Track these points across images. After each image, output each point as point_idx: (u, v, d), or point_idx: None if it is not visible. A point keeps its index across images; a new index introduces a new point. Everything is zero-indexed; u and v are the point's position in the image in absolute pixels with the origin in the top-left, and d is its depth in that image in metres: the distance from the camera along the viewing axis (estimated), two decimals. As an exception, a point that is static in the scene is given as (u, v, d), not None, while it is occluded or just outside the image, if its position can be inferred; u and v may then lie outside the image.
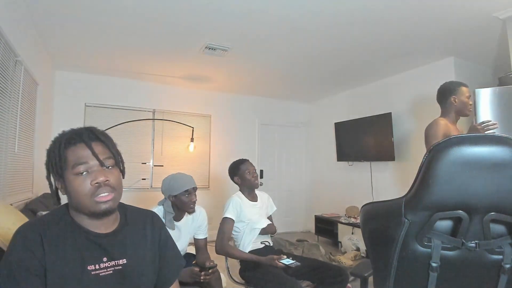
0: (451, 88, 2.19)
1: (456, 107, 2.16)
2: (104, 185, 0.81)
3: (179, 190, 1.71)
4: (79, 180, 0.80)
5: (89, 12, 2.51)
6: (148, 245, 0.94)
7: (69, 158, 0.81)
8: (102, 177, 0.80)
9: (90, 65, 3.82)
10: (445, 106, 2.21)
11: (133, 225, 0.94)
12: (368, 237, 0.88)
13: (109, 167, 0.84)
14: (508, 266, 0.72)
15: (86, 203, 0.80)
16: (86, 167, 0.80)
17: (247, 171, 2.14)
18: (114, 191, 0.83)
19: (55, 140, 0.85)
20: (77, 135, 0.83)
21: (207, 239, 1.95)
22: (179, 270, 1.03)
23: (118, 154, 0.88)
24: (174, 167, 4.53)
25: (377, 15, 2.52)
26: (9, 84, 2.19)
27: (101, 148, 0.84)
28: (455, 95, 2.15)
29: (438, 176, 0.69)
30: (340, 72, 4.01)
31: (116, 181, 0.85)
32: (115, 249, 0.86)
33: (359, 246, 3.81)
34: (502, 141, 0.66)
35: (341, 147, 4.76)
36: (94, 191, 0.80)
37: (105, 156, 0.84)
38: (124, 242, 0.89)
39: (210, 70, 3.98)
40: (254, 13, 2.52)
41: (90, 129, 0.86)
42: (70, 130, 0.87)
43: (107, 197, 0.81)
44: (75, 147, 0.82)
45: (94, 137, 0.85)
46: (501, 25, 2.64)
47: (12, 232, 1.30)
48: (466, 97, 2.16)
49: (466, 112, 2.17)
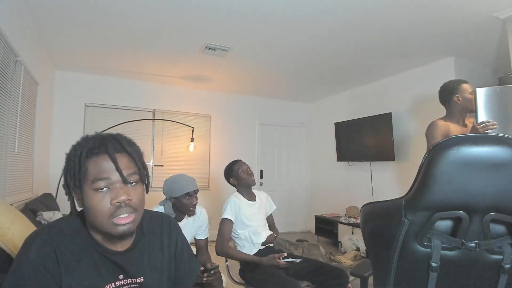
0: (452, 88, 2.17)
1: (461, 105, 2.13)
2: (125, 205, 0.73)
3: (180, 193, 1.71)
4: (98, 197, 0.72)
5: (89, 12, 2.51)
6: (166, 257, 0.90)
7: (90, 170, 0.73)
8: (123, 196, 0.72)
9: (90, 65, 3.82)
10: (450, 106, 2.19)
11: (150, 235, 0.88)
12: (368, 237, 0.88)
13: (133, 183, 0.76)
14: (508, 266, 0.72)
15: (103, 223, 0.73)
16: (107, 183, 0.72)
17: (241, 170, 2.12)
18: (135, 212, 0.76)
19: (76, 146, 0.76)
20: (101, 144, 0.74)
21: (207, 239, 1.95)
22: (195, 276, 1.00)
23: (144, 168, 0.80)
24: (174, 167, 4.53)
25: (377, 15, 2.52)
26: (9, 84, 2.19)
27: (126, 161, 0.76)
28: (458, 94, 2.12)
29: (438, 176, 0.69)
30: (340, 72, 4.01)
31: (139, 200, 0.77)
32: (132, 267, 0.81)
33: (359, 246, 3.81)
34: (502, 141, 0.66)
35: (341, 147, 4.76)
36: (113, 212, 0.72)
37: (129, 171, 0.75)
38: (141, 257, 0.84)
39: (210, 70, 3.98)
40: (254, 13, 2.52)
41: (116, 138, 0.78)
42: (93, 136, 0.78)
43: (127, 219, 0.74)
44: (98, 158, 0.73)
45: (120, 148, 0.76)
46: (501, 25, 2.64)
47: (12, 232, 1.29)
48: (469, 93, 2.13)
49: (471, 108, 2.13)
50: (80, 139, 0.78)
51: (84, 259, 0.75)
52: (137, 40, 3.06)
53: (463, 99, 2.12)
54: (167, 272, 0.89)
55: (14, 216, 1.49)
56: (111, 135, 0.79)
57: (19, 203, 2.44)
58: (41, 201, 2.69)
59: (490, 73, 3.71)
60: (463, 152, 0.67)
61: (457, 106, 2.15)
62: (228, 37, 3.00)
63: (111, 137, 0.77)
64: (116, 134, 0.80)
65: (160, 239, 0.90)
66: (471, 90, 2.14)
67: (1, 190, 2.12)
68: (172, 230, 0.94)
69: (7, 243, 1.27)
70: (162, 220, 0.94)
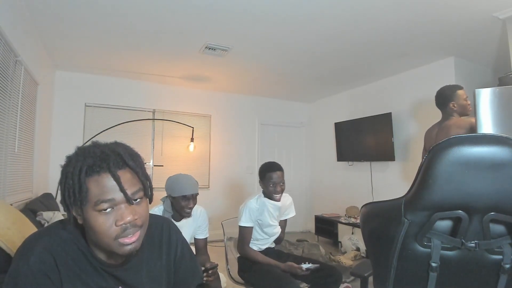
0: (448, 95, 2.33)
1: (457, 111, 2.28)
2: (132, 226, 0.70)
3: (178, 194, 1.71)
4: (102, 219, 0.68)
5: (89, 12, 2.51)
6: (165, 264, 0.88)
7: (92, 190, 0.67)
8: (129, 217, 0.69)
9: (90, 65, 3.82)
10: (446, 112, 2.34)
11: (148, 244, 0.85)
12: (368, 237, 0.88)
13: (137, 200, 0.72)
14: (508, 266, 0.72)
15: (108, 244, 0.69)
16: (112, 203, 0.68)
17: (271, 181, 1.97)
18: (140, 229, 0.73)
19: (74, 162, 0.70)
20: (103, 161, 0.68)
21: (207, 239, 1.95)
22: (198, 279, 0.98)
23: (147, 180, 0.76)
24: (174, 167, 4.53)
25: (377, 15, 2.52)
26: (9, 84, 2.19)
27: (130, 177, 0.71)
28: (453, 101, 2.30)
29: (438, 176, 0.69)
30: (340, 72, 4.01)
31: (144, 216, 0.74)
32: (131, 278, 0.80)
33: (359, 246, 3.81)
34: (502, 141, 0.66)
35: (341, 147, 4.76)
36: (119, 233, 0.69)
37: (134, 189, 0.71)
38: (140, 268, 0.82)
39: (210, 70, 3.98)
40: (254, 13, 2.52)
41: (117, 152, 0.71)
42: (92, 149, 0.71)
43: (133, 237, 0.70)
44: (99, 177, 0.68)
45: (122, 164, 0.71)
46: (501, 25, 2.64)
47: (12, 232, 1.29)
48: (464, 100, 2.28)
49: (467, 113, 2.29)
50: (77, 152, 0.72)
51: (83, 270, 0.73)
52: (137, 40, 3.06)
53: (458, 105, 2.30)
54: (166, 279, 0.88)
55: (14, 216, 1.50)
56: (112, 148, 0.72)
57: (19, 203, 2.44)
58: (41, 201, 2.69)
59: (490, 73, 3.71)
60: (463, 152, 0.67)
61: (452, 112, 2.29)
62: (228, 37, 3.00)
63: (112, 152, 0.71)
64: (116, 146, 0.74)
65: (159, 247, 0.88)
66: (466, 96, 2.30)
67: (1, 190, 2.12)
68: (172, 235, 0.92)
69: (7, 243, 1.27)
70: (162, 227, 0.92)
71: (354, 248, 3.81)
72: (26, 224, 1.58)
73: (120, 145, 0.75)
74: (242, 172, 5.09)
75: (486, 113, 2.39)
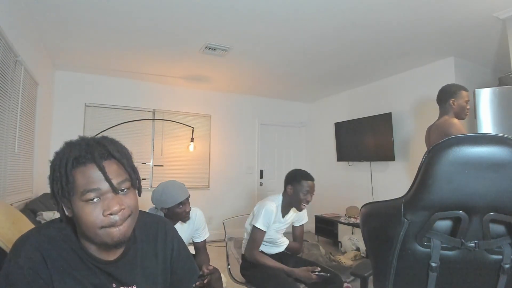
0: (451, 91, 2.30)
1: (454, 109, 2.25)
2: (120, 216, 0.71)
3: (172, 203, 1.66)
4: (89, 208, 0.69)
5: (89, 12, 2.51)
6: (160, 263, 0.87)
7: (78, 181, 0.69)
8: (116, 207, 0.70)
9: (90, 65, 3.82)
10: (444, 107, 2.31)
11: (143, 242, 0.85)
12: (367, 237, 0.88)
13: (124, 190, 0.73)
14: (508, 266, 0.72)
15: (96, 234, 0.70)
16: (98, 193, 0.69)
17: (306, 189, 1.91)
18: (129, 218, 0.74)
19: (61, 155, 0.71)
20: (88, 153, 0.70)
21: (206, 240, 1.94)
22: (194, 278, 0.98)
23: (134, 172, 0.76)
24: (174, 167, 4.53)
25: (377, 15, 2.52)
26: (9, 84, 2.19)
27: (115, 168, 0.73)
28: (454, 98, 2.26)
29: (438, 176, 0.69)
30: (340, 72, 4.01)
31: (132, 206, 0.74)
32: (124, 275, 0.79)
33: (359, 246, 3.81)
34: (502, 141, 0.66)
35: (341, 147, 4.76)
36: (106, 222, 0.70)
37: (120, 179, 0.72)
38: (134, 265, 0.82)
39: (210, 70, 3.98)
40: (254, 13, 2.52)
41: (102, 144, 0.73)
42: (78, 142, 0.73)
43: (121, 227, 0.72)
44: (85, 168, 0.70)
45: (107, 154, 0.72)
46: (501, 25, 2.64)
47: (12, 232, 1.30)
48: (465, 101, 2.26)
49: (463, 116, 2.27)
50: (63, 146, 0.73)
51: (75, 268, 0.73)
52: (137, 40, 3.06)
53: (457, 104, 2.27)
54: (161, 278, 0.88)
55: (14, 216, 1.50)
56: (96, 140, 0.74)
57: (19, 203, 2.44)
58: (41, 201, 2.69)
59: (490, 73, 3.71)
60: (462, 152, 0.67)
61: (450, 109, 2.27)
62: (228, 37, 3.00)
63: (97, 143, 0.73)
64: (102, 139, 0.75)
65: (154, 245, 0.88)
66: (467, 99, 2.29)
67: (1, 190, 2.12)
68: (168, 234, 0.92)
69: (7, 243, 1.27)
70: (158, 225, 0.91)
71: (354, 248, 3.81)
72: (26, 224, 1.58)
73: (106, 139, 0.76)
74: (242, 172, 5.09)
75: (486, 113, 2.40)
